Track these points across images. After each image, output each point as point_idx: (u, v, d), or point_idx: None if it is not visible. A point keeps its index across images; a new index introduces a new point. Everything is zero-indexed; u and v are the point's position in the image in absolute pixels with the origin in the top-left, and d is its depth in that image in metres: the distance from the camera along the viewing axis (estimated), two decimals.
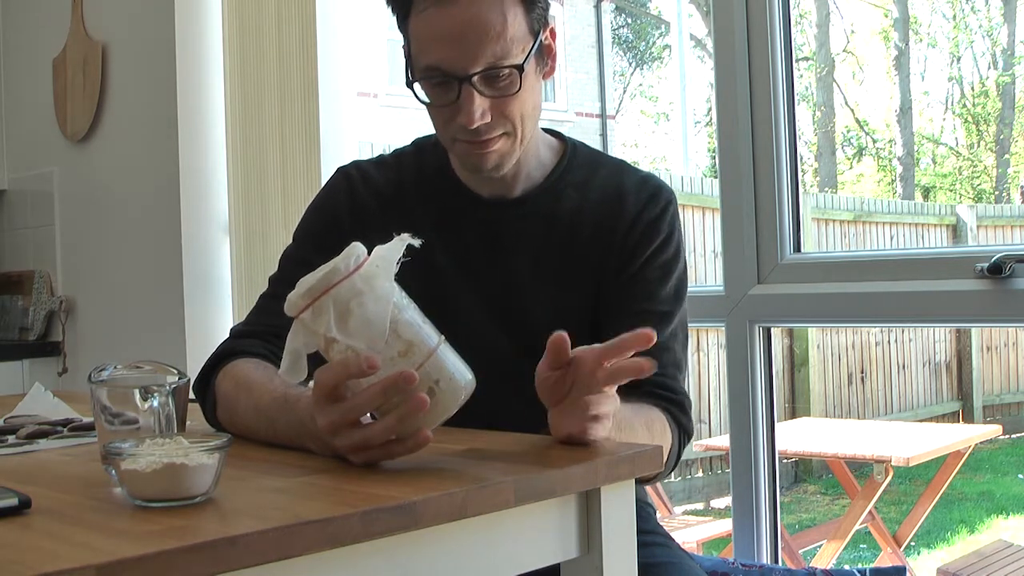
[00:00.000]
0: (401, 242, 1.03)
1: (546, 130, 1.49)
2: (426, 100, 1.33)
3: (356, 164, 1.50)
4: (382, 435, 1.00)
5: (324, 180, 2.47)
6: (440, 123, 1.35)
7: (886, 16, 11.29)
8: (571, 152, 1.47)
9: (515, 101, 1.31)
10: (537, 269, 1.42)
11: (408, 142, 1.54)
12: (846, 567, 3.80)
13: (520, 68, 1.29)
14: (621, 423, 1.19)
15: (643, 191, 1.44)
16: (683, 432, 1.36)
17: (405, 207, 1.44)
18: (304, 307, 1.00)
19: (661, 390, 1.36)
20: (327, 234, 1.42)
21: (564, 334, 1.07)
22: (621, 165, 1.49)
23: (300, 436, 1.11)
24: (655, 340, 1.04)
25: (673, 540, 1.50)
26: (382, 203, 1.45)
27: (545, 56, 1.36)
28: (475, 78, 1.27)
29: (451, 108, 1.30)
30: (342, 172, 1.50)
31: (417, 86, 1.32)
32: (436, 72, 1.29)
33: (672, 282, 1.43)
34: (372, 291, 1.00)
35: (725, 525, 4.14)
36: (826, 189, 10.95)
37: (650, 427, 1.28)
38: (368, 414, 1.01)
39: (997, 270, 1.70)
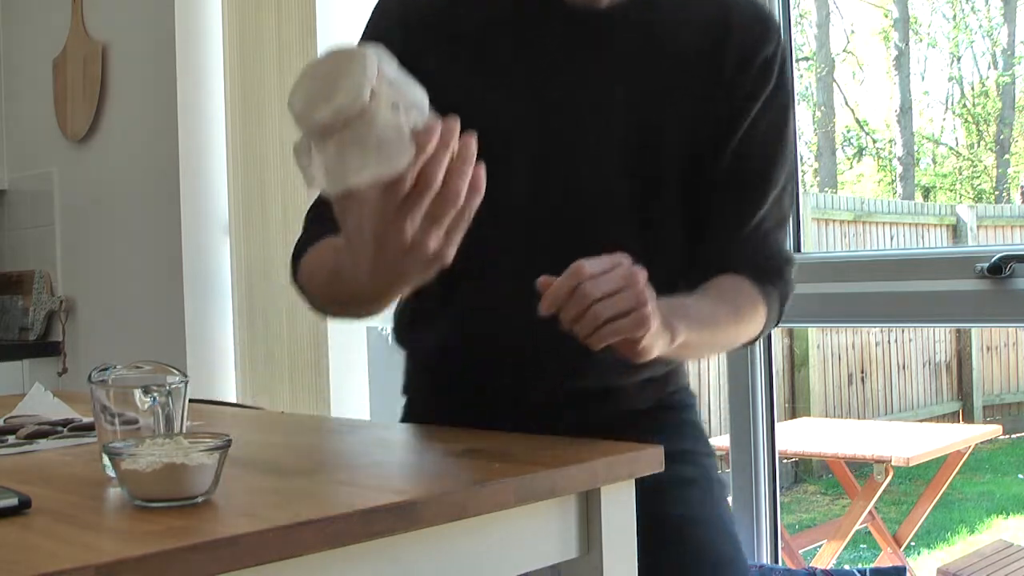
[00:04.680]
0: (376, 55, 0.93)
1: None
2: None
3: None
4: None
5: None
6: None
7: (886, 16, 11.28)
8: None
9: None
10: (625, 90, 1.24)
11: None
12: (846, 567, 3.80)
13: None
14: (705, 321, 1.16)
15: (755, 22, 1.28)
16: (781, 296, 1.29)
17: (475, 10, 1.27)
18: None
19: (763, 258, 1.29)
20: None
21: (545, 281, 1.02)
22: None
23: (360, 250, 0.99)
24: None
25: (718, 487, 1.37)
26: (447, 6, 1.28)
27: None
28: None
29: None
30: None
31: None
32: None
33: (790, 132, 1.31)
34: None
35: None
36: (826, 189, 10.94)
37: (737, 313, 1.23)
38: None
39: (997, 270, 1.70)
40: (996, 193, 10.69)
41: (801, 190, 2.04)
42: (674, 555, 1.27)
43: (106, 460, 0.98)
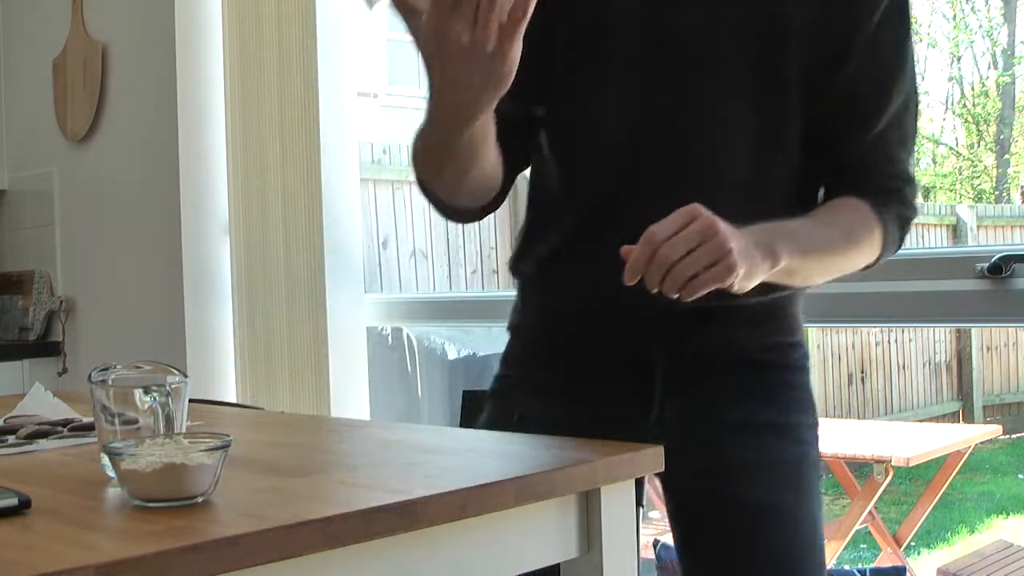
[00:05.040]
0: None
1: None
2: None
3: None
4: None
5: (324, 180, 2.51)
6: None
7: None
8: None
9: None
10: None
11: None
12: (846, 567, 3.80)
13: None
14: (813, 244, 1.14)
15: None
16: (901, 219, 1.26)
17: None
18: None
19: (883, 176, 1.25)
20: None
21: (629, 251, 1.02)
22: None
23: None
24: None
25: (813, 470, 1.32)
26: None
27: None
28: None
29: None
30: None
31: None
32: None
33: (908, 52, 1.25)
34: None
35: None
36: None
37: (850, 237, 1.20)
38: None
39: (997, 270, 1.70)
40: (996, 193, 10.69)
41: None
42: (752, 546, 1.25)
43: (106, 460, 0.98)
